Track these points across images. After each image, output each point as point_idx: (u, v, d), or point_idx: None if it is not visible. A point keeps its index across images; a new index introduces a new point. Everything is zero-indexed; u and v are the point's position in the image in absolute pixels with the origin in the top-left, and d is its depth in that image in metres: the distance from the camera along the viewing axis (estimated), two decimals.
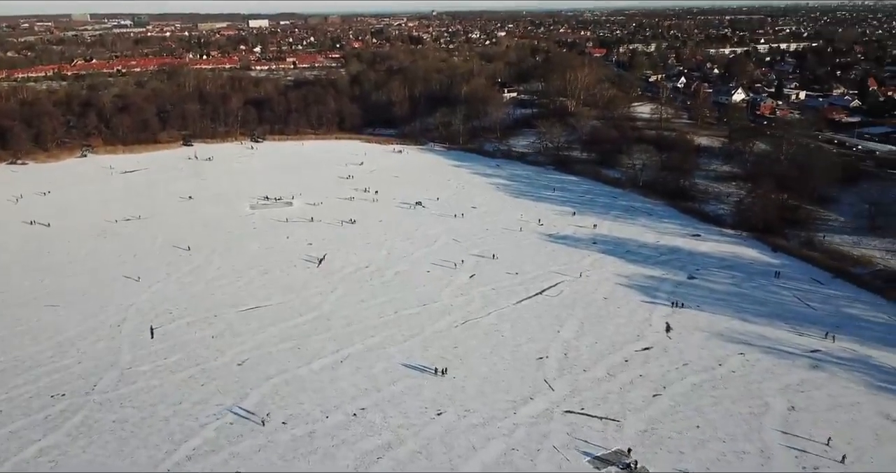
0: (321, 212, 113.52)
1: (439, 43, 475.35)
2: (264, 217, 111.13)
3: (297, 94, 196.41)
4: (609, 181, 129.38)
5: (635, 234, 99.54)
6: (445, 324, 71.22)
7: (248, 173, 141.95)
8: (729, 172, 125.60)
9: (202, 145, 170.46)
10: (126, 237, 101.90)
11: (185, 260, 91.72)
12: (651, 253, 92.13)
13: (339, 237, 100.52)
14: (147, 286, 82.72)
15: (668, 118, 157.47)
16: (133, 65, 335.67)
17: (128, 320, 73.66)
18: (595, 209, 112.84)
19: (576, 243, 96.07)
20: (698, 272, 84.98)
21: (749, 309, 74.00)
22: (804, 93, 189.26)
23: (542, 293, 79.08)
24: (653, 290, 79.54)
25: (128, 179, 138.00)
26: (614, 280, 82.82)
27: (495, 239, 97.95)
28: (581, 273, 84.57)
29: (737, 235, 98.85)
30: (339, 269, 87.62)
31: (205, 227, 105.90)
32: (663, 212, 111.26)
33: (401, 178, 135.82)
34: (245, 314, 74.73)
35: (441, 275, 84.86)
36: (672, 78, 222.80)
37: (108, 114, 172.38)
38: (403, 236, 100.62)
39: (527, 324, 71.03)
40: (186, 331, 70.81)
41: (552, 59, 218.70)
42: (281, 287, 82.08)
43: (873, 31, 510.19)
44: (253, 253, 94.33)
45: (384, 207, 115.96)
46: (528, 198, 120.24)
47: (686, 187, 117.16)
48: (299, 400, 57.42)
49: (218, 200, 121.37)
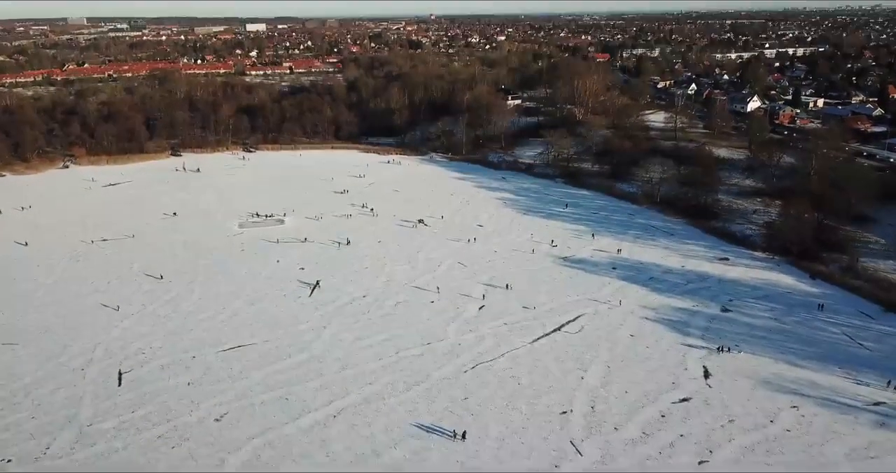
0: (315, 230, 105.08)
1: (438, 47, 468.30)
2: (253, 237, 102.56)
3: (291, 102, 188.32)
4: (624, 196, 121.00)
5: (658, 258, 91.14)
6: (453, 369, 62.71)
7: (238, 187, 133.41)
8: (752, 187, 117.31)
9: (191, 155, 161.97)
10: (102, 260, 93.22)
11: (163, 288, 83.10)
12: (678, 280, 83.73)
13: (333, 260, 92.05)
14: (119, 320, 74.09)
15: (683, 128, 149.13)
16: (125, 69, 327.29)
17: (94, 362, 65.05)
18: (611, 228, 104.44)
19: (594, 268, 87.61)
20: (732, 303, 76.60)
21: (795, 350, 65.65)
22: (822, 100, 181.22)
23: (560, 329, 70.65)
24: (684, 326, 71.14)
25: (109, 194, 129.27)
26: (640, 312, 74.40)
27: (505, 264, 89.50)
28: (603, 303, 76.20)
29: (768, 259, 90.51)
30: (333, 299, 79.09)
31: (188, 249, 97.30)
32: (685, 232, 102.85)
33: (401, 193, 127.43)
34: (226, 355, 66.16)
35: (446, 307, 76.39)
36: (682, 84, 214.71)
37: (92, 123, 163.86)
38: (404, 259, 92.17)
39: (546, 369, 62.56)
40: (159, 377, 62.24)
41: (558, 65, 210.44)
42: (268, 321, 73.54)
43: (878, 36, 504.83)
44: (239, 279, 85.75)
45: (383, 225, 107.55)
46: (538, 215, 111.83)
47: (708, 204, 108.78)
48: (285, 468, 48.93)
49: (204, 217, 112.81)
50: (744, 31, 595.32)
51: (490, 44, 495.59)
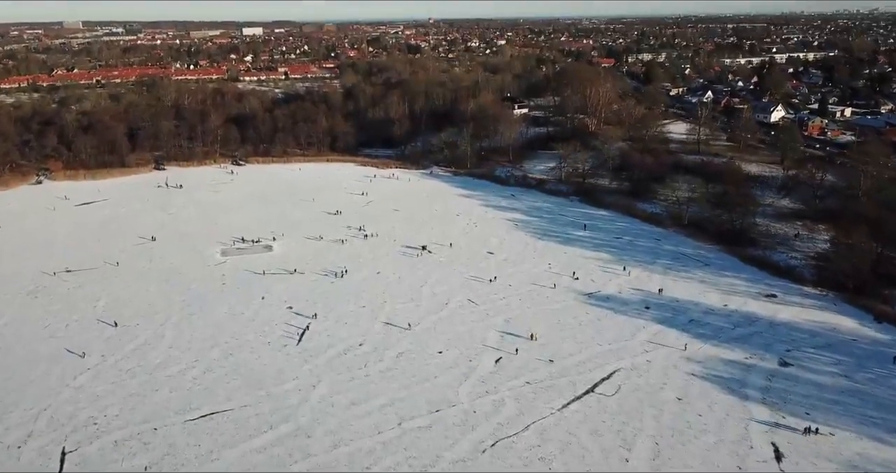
0: (306, 259, 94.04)
1: (438, 52, 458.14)
2: (237, 267, 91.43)
3: (285, 111, 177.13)
4: (647, 218, 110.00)
5: (695, 294, 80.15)
6: (468, 448, 51.62)
7: (224, 205, 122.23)
8: (789, 208, 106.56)
9: (176, 169, 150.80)
10: (62, 297, 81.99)
11: (129, 333, 71.93)
12: (722, 322, 72.75)
13: (326, 297, 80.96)
14: (72, 377, 62.93)
15: (706, 140, 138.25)
16: (115, 75, 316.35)
17: (34, 437, 53.89)
18: (637, 256, 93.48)
19: (624, 308, 76.59)
20: (790, 354, 65.67)
21: (877, 420, 54.72)
22: (849, 109, 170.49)
23: (593, 390, 59.64)
24: (740, 385, 60.15)
25: (82, 214, 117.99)
26: (685, 366, 63.45)
27: (522, 302, 78.47)
28: (639, 354, 65.27)
29: (822, 296, 79.58)
30: (325, 348, 68.03)
31: (163, 283, 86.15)
32: (721, 261, 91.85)
33: (401, 213, 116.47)
34: (195, 426, 55.00)
35: (457, 359, 65.37)
36: (696, 92, 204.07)
37: (70, 134, 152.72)
38: (406, 295, 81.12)
39: (582, 447, 51.49)
40: (110, 457, 51.11)
41: (565, 72, 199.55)
42: (248, 377, 62.44)
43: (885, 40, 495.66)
44: (217, 321, 74.61)
45: (382, 252, 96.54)
46: (554, 240, 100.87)
47: (744, 228, 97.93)
48: None
49: (185, 242, 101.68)
50: (747, 35, 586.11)
51: (490, 48, 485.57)
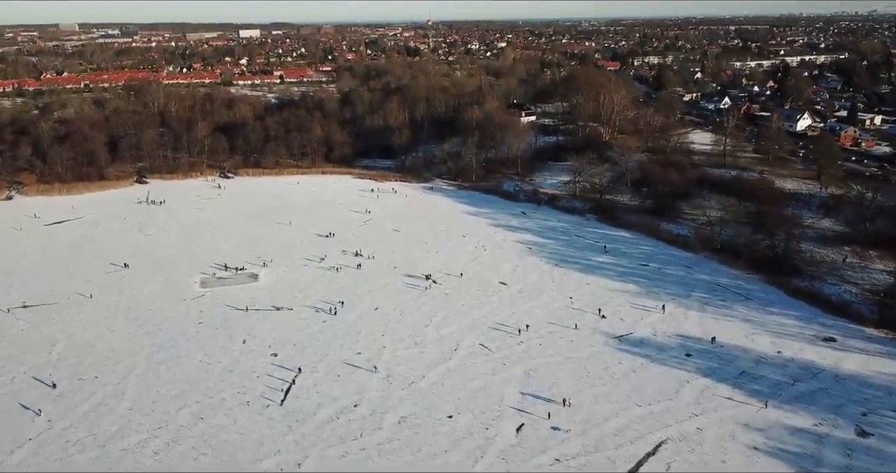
0: (295, 290, 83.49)
1: (437, 54, 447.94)
2: (217, 301, 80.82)
3: (277, 118, 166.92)
4: (673, 240, 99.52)
5: (741, 337, 69.59)
6: None
7: (208, 225, 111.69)
8: (833, 231, 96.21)
9: (159, 182, 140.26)
10: (14, 340, 71.33)
11: (85, 389, 61.36)
12: (778, 375, 62.23)
13: (316, 340, 70.44)
14: (8, 452, 52.32)
15: (731, 151, 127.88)
16: (104, 79, 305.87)
17: None
18: (668, 288, 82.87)
19: (662, 356, 66.08)
20: (867, 419, 55.20)
21: None
22: (878, 117, 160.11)
23: (638, 470, 49.12)
24: (814, 463, 49.66)
25: (52, 235, 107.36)
26: (744, 436, 52.92)
27: (543, 348, 67.96)
28: (687, 419, 54.76)
29: (889, 340, 69.08)
30: (314, 410, 57.49)
31: (132, 322, 75.55)
32: (764, 294, 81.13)
33: (402, 233, 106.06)
34: None
35: (471, 426, 54.83)
36: (712, 97, 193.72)
37: (45, 145, 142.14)
38: (409, 338, 70.62)
39: None
40: None
41: (574, 76, 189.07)
42: (219, 452, 51.85)
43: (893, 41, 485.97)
44: (189, 373, 64.03)
45: (381, 283, 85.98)
46: (573, 267, 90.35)
47: (786, 255, 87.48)
48: None
49: (160, 270, 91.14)
50: (750, 37, 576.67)
51: (491, 50, 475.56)
